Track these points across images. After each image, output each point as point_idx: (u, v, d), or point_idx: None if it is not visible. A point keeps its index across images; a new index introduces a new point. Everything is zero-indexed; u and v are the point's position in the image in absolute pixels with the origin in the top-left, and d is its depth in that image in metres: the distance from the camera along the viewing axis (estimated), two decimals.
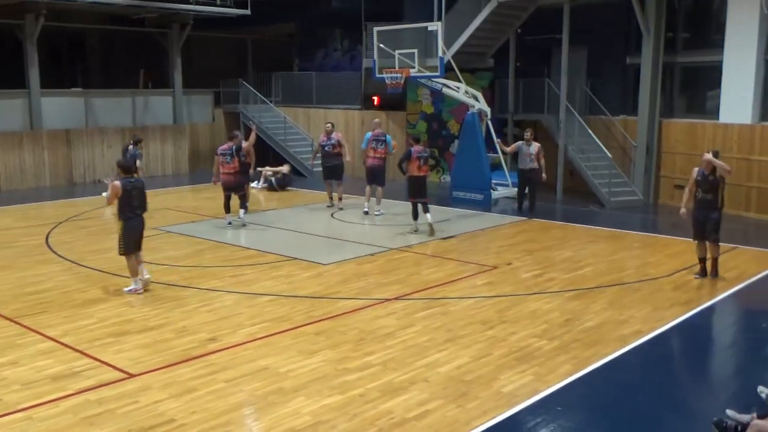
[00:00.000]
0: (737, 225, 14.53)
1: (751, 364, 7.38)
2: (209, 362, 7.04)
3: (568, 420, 5.98)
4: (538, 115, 18.99)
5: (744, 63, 15.02)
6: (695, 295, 9.39)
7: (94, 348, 7.41)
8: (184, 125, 23.03)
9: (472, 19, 18.17)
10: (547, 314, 8.58)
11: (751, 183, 15.08)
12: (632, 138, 17.04)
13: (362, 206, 15.17)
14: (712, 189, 9.80)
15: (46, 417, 5.86)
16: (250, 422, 5.93)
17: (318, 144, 16.28)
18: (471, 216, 15.24)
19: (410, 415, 5.91)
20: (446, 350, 7.39)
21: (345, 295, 9.37)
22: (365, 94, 21.54)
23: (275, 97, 24.02)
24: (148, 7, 20.76)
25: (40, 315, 8.52)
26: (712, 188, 9.80)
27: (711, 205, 9.86)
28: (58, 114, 20.30)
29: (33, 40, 19.25)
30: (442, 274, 10.41)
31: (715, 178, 9.78)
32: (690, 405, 6.25)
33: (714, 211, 9.88)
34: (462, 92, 17.17)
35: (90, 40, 26.25)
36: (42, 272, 10.53)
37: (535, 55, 19.86)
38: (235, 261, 11.23)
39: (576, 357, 7.20)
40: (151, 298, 9.21)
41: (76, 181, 20.40)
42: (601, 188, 16.62)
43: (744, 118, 15.16)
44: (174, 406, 6.06)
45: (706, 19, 17.27)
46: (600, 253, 11.75)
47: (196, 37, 24.33)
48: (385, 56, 17.01)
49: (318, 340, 7.66)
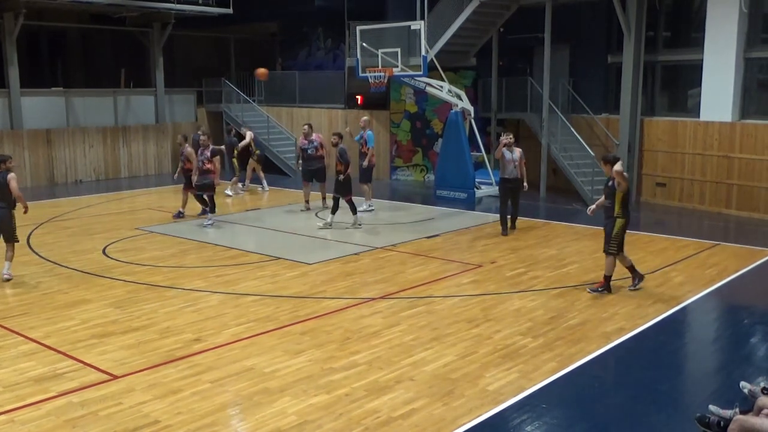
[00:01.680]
0: (718, 222, 14.70)
1: (734, 360, 7.46)
2: (194, 363, 7.01)
3: (553, 417, 6.01)
4: (521, 114, 19.10)
5: (724, 61, 15.17)
6: (678, 292, 9.47)
7: (77, 349, 7.35)
8: (167, 124, 22.90)
9: (455, 18, 18.22)
10: (532, 312, 8.62)
11: (732, 180, 15.23)
12: (614, 136, 17.16)
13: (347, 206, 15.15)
14: (610, 195, 9.29)
15: (28, 419, 5.81)
16: (235, 423, 5.90)
17: (299, 148, 15.70)
18: (455, 214, 15.28)
19: (396, 413, 5.91)
20: (432, 349, 7.40)
21: (330, 295, 9.36)
22: (349, 93, 21.53)
23: (258, 97, 23.94)
24: (129, 6, 20.62)
25: (21, 317, 8.44)
26: (610, 194, 9.28)
27: (607, 213, 9.36)
28: (39, 114, 20.12)
29: (12, 39, 19.05)
30: (426, 273, 10.43)
31: (613, 184, 9.18)
32: (673, 401, 6.30)
33: (608, 218, 9.31)
34: (445, 91, 17.21)
35: (70, 39, 26.06)
36: (24, 273, 10.42)
37: (518, 54, 19.97)
38: (219, 261, 11.18)
39: (560, 354, 7.24)
40: (134, 299, 9.15)
41: (58, 182, 20.23)
42: (584, 186, 16.72)
43: (724, 116, 15.31)
44: (158, 407, 6.02)
45: (686, 18, 17.43)
46: (583, 251, 11.82)
47: (178, 36, 24.21)
48: (368, 55, 17.02)
49: (303, 340, 7.65)
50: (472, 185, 16.79)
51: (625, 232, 9.38)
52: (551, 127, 17.58)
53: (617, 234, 9.26)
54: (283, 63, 25.44)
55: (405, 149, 20.80)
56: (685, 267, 10.79)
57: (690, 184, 16.10)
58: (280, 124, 22.91)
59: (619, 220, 9.24)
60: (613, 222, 9.26)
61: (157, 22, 22.18)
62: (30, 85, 20.28)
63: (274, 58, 25.75)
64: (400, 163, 20.83)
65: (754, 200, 14.88)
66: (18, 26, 18.98)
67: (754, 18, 15.07)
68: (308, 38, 24.80)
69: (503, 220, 13.11)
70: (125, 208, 16.27)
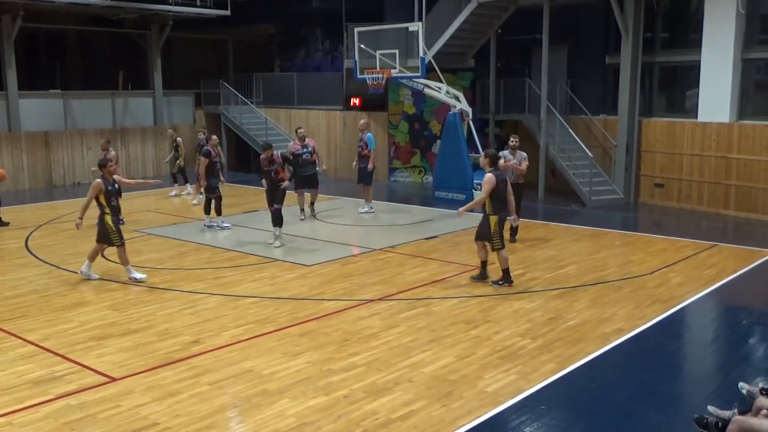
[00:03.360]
0: (717, 222, 14.70)
1: (732, 360, 7.46)
2: (192, 365, 7.00)
3: (552, 418, 6.01)
4: (519, 115, 19.10)
5: (722, 62, 15.19)
6: (676, 293, 9.47)
7: (76, 352, 7.34)
8: (165, 126, 22.87)
9: (453, 20, 18.24)
10: (530, 313, 8.61)
11: (730, 181, 15.25)
12: (612, 137, 17.17)
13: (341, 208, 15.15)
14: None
15: (26, 422, 5.80)
16: (234, 425, 5.89)
17: (289, 152, 13.98)
18: (453, 216, 15.18)
19: (395, 415, 5.91)
20: (430, 350, 7.39)
21: (329, 296, 9.35)
22: (347, 94, 21.53)
23: (256, 98, 23.94)
24: (127, 8, 20.62)
25: (20, 319, 8.43)
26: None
27: (483, 210, 9.62)
28: (37, 116, 20.11)
29: (10, 41, 19.05)
30: (425, 275, 10.42)
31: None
32: (671, 401, 6.30)
33: (484, 216, 9.61)
34: (443, 92, 17.21)
35: (68, 41, 26.04)
36: (22, 276, 10.41)
37: (516, 55, 19.97)
38: (218, 263, 11.17)
39: (559, 356, 7.24)
40: (133, 301, 9.14)
41: (56, 184, 20.21)
42: (582, 187, 16.73)
43: (722, 116, 15.33)
44: (157, 409, 6.01)
45: (684, 18, 17.44)
46: (582, 252, 11.83)
47: (176, 38, 24.21)
48: (366, 57, 17.01)
49: (302, 342, 7.64)
50: (471, 186, 16.77)
51: (502, 227, 9.62)
52: (549, 128, 17.58)
53: (495, 231, 9.51)
54: (281, 65, 25.46)
55: (403, 151, 20.80)
56: (684, 268, 10.79)
57: (688, 185, 16.12)
58: (279, 126, 22.92)
59: (492, 217, 9.50)
60: (487, 219, 9.53)
61: (155, 23, 22.18)
62: (28, 87, 20.26)
63: (272, 59, 25.76)
64: (399, 165, 20.83)
65: (752, 201, 14.90)
66: (16, 28, 18.97)
67: (751, 19, 15.10)
68: (306, 40, 24.80)
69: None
70: (123, 210, 16.18)
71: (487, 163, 9.57)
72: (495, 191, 9.40)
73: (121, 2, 20.16)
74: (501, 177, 9.52)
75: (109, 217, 10.10)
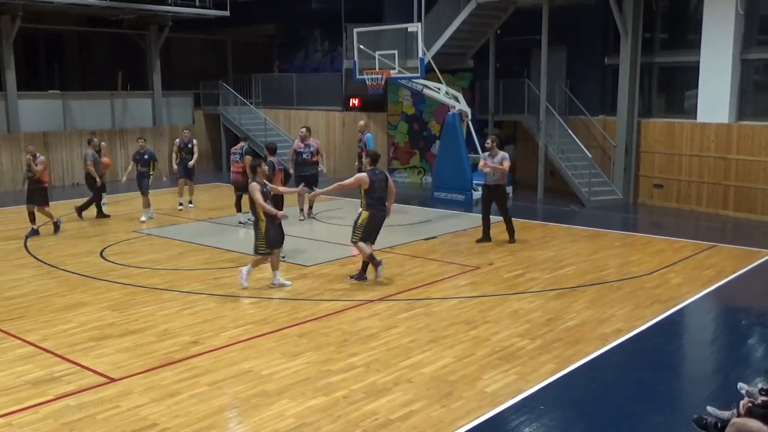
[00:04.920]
0: (716, 223, 14.71)
1: (731, 361, 7.46)
2: (192, 365, 7.00)
3: (551, 419, 6.01)
4: (518, 116, 19.10)
5: (721, 63, 15.20)
6: (676, 293, 9.47)
7: (75, 352, 7.34)
8: (164, 127, 22.87)
9: (452, 20, 18.24)
10: (530, 314, 8.62)
11: (729, 182, 15.26)
12: (611, 138, 17.18)
13: (341, 208, 15.13)
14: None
15: (26, 423, 5.79)
16: (233, 425, 5.89)
17: (293, 150, 14.54)
18: (452, 216, 15.28)
19: (394, 416, 5.91)
20: (430, 351, 7.39)
21: (328, 297, 9.35)
22: (346, 95, 21.53)
23: (255, 99, 23.94)
24: (126, 9, 20.62)
25: (19, 320, 8.42)
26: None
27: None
28: (36, 116, 20.09)
29: (10, 42, 19.03)
30: (424, 275, 10.42)
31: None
32: (671, 402, 6.30)
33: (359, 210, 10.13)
34: (442, 93, 17.21)
35: (68, 42, 26.04)
36: (21, 276, 10.40)
37: (515, 55, 19.96)
38: (217, 263, 11.17)
39: (558, 356, 7.24)
40: (132, 302, 9.13)
41: (55, 185, 20.16)
42: (582, 188, 16.73)
43: (721, 117, 15.34)
44: (156, 410, 6.01)
45: (683, 19, 17.45)
46: (581, 253, 11.83)
47: (176, 39, 24.20)
48: (365, 57, 17.01)
49: (301, 342, 7.64)
50: (470, 187, 16.79)
51: (373, 224, 9.86)
52: (548, 128, 17.59)
53: (361, 225, 9.83)
54: (280, 65, 25.46)
55: (402, 151, 20.81)
56: (683, 268, 10.80)
57: (687, 186, 16.12)
58: (278, 127, 22.92)
59: (364, 213, 9.84)
60: (359, 215, 9.94)
61: (154, 24, 22.16)
62: (27, 87, 20.24)
63: (272, 60, 25.76)
64: (398, 165, 20.84)
65: (751, 201, 14.91)
66: (15, 29, 18.96)
67: (750, 19, 15.11)
68: (305, 40, 24.80)
69: (486, 224, 12.45)
70: (122, 210, 16.23)
71: (368, 162, 9.96)
72: (371, 190, 9.72)
73: (121, 3, 20.17)
74: (380, 177, 9.86)
75: (263, 223, 9.51)
